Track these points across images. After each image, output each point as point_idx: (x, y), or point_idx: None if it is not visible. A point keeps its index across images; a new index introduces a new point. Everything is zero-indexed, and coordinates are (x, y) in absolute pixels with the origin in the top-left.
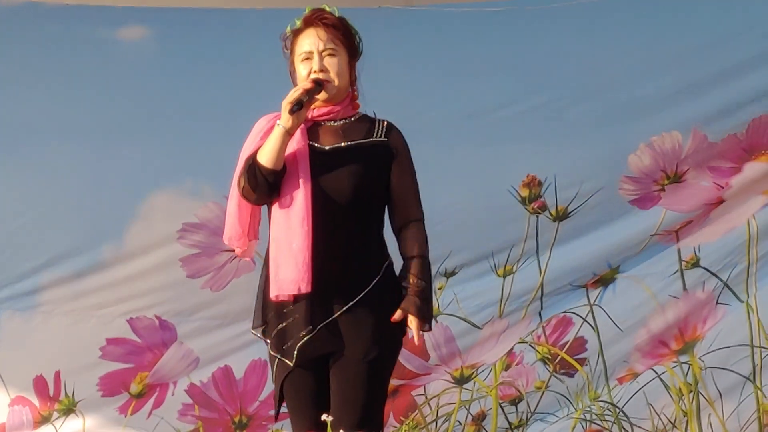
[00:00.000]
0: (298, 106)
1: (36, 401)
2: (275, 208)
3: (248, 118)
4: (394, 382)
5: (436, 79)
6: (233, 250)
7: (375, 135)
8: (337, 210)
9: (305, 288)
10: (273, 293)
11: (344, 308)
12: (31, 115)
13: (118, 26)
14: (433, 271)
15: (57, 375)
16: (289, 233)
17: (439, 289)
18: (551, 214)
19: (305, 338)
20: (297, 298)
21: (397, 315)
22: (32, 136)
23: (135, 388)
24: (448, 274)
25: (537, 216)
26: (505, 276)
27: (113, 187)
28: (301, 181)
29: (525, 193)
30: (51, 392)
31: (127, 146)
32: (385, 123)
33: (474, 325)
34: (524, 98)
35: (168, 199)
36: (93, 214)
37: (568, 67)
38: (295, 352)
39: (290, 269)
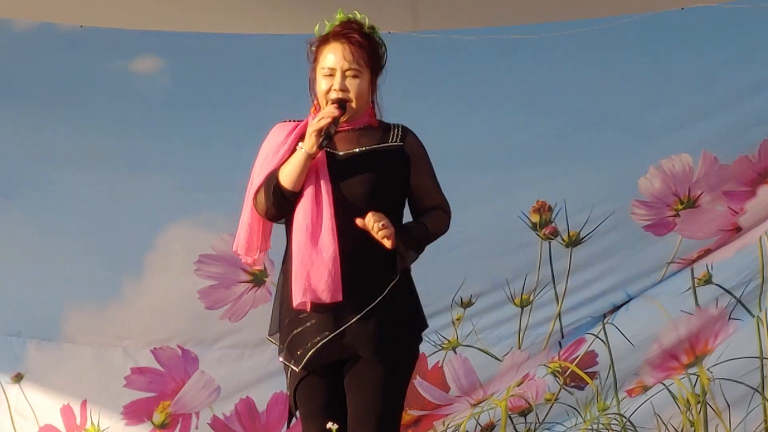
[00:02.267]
0: (327, 139)
1: (63, 430)
2: (298, 216)
3: None
4: (415, 413)
5: (444, 106)
6: (249, 281)
7: (390, 140)
8: (353, 216)
9: (339, 297)
10: (301, 299)
11: (361, 314)
12: (48, 147)
13: (132, 56)
14: (449, 300)
15: (83, 404)
16: (317, 241)
17: (457, 320)
18: (563, 240)
19: (319, 344)
20: (315, 305)
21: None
22: (50, 169)
23: (158, 417)
24: (465, 304)
25: (549, 242)
26: (522, 306)
27: (130, 219)
28: (323, 190)
29: (536, 218)
30: (78, 421)
31: (142, 179)
32: (400, 127)
33: (494, 357)
34: (532, 124)
35: (184, 231)
36: (111, 246)
37: (575, 92)
38: (307, 357)
39: (323, 278)
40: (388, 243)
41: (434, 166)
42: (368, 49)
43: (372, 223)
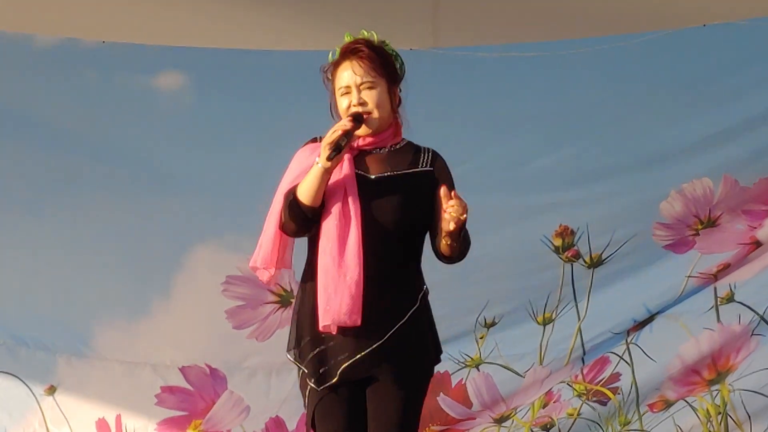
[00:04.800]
0: (336, 152)
1: None
2: (324, 235)
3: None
4: (438, 428)
5: (465, 125)
6: (276, 302)
7: (420, 164)
8: (380, 239)
9: (358, 320)
10: (324, 323)
11: (384, 338)
12: (75, 166)
13: (155, 72)
14: (472, 321)
15: (118, 418)
16: (341, 264)
17: (481, 338)
18: (585, 262)
19: (346, 364)
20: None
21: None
22: (76, 187)
23: None
24: (488, 325)
25: (571, 264)
26: (545, 324)
27: (157, 238)
28: (351, 211)
29: (558, 242)
30: None
31: (168, 198)
32: (431, 152)
33: (516, 373)
34: (553, 148)
35: (211, 252)
36: (140, 266)
37: (596, 115)
38: (338, 373)
39: (345, 301)
40: (452, 226)
41: (459, 189)
42: (378, 59)
43: (455, 204)
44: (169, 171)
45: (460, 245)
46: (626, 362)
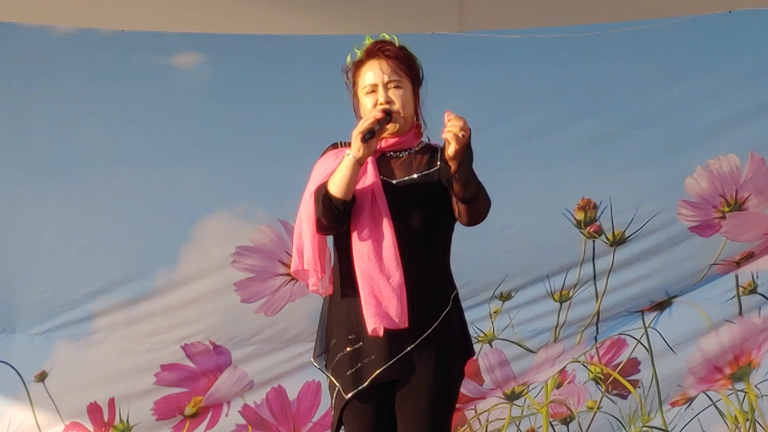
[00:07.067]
0: (370, 135)
1: (90, 427)
2: (357, 240)
3: (300, 143)
4: None
5: (490, 104)
6: (287, 274)
7: (439, 161)
8: (410, 242)
9: (405, 322)
10: (374, 325)
11: (418, 341)
12: (87, 141)
13: (173, 53)
14: (489, 294)
15: (111, 401)
16: (383, 268)
17: (495, 313)
18: (608, 239)
19: (378, 370)
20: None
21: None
22: (86, 162)
23: (189, 410)
24: (504, 298)
25: (593, 240)
26: (561, 301)
27: (167, 211)
28: (383, 217)
29: (580, 216)
30: (105, 418)
31: (179, 171)
32: None
33: (528, 350)
34: (578, 121)
35: (221, 223)
36: (147, 239)
37: (622, 90)
38: (370, 380)
39: (394, 304)
40: (451, 144)
41: (480, 162)
42: (405, 60)
43: (452, 119)
44: (181, 143)
45: (472, 186)
46: (644, 347)
